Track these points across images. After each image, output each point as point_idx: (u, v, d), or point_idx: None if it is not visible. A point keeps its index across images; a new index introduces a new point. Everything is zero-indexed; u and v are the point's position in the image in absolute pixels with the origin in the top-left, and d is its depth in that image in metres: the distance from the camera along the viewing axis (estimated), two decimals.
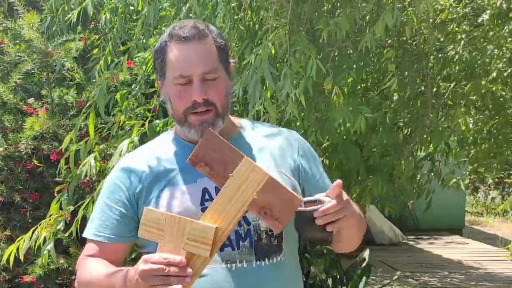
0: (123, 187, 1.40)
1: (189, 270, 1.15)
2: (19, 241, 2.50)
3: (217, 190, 1.31)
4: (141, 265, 1.17)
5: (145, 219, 1.20)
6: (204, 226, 1.16)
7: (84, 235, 1.45)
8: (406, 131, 3.45)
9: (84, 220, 2.58)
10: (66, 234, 2.76)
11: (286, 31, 2.19)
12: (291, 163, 1.43)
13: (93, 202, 2.49)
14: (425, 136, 3.11)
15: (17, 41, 3.64)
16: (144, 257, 1.18)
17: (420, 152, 3.55)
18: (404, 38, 2.99)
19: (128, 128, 2.65)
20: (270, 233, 1.35)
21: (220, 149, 1.22)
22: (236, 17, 2.39)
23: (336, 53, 2.57)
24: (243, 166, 1.16)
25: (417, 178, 3.56)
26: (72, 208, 2.75)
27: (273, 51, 2.26)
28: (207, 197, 1.33)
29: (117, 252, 1.42)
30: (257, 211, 1.20)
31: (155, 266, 1.15)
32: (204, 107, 1.34)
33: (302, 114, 2.69)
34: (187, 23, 1.37)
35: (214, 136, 1.23)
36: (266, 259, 1.34)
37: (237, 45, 2.56)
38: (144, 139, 2.44)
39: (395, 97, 3.20)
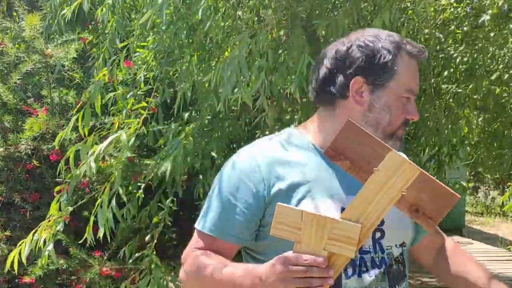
0: (251, 187, 1.28)
1: (331, 271, 1.09)
2: (20, 245, 2.50)
3: None
4: (279, 267, 1.10)
5: (279, 216, 1.09)
6: (348, 225, 1.07)
7: (198, 227, 1.34)
8: (410, 132, 3.43)
9: (95, 224, 2.58)
10: (81, 241, 2.75)
11: (274, 29, 2.17)
12: None
13: (101, 206, 2.47)
14: (427, 137, 3.10)
15: (17, 41, 3.64)
16: (281, 258, 1.10)
17: (424, 154, 3.53)
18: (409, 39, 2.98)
19: (127, 126, 2.64)
20: (397, 259, 1.33)
21: (362, 141, 1.09)
22: (236, 13, 2.39)
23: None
24: (390, 160, 1.05)
25: None
26: (71, 209, 2.74)
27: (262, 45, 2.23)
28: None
29: (232, 250, 1.34)
30: (406, 208, 1.09)
31: (296, 268, 1.08)
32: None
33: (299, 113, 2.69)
34: (411, 41, 1.34)
35: (355, 127, 1.10)
36: (396, 286, 1.32)
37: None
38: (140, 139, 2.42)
39: None
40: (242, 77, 2.11)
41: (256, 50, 2.16)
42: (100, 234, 2.51)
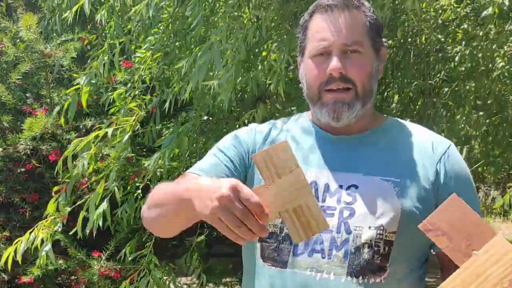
0: (242, 142, 1.27)
1: (265, 231, 0.93)
2: (16, 243, 2.49)
3: (327, 187, 1.19)
4: (225, 190, 0.91)
5: (275, 152, 0.95)
6: (321, 213, 0.95)
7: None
8: None
9: (85, 220, 2.58)
10: (71, 233, 2.74)
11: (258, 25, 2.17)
12: (429, 176, 1.20)
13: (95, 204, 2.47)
14: None
15: (16, 41, 3.63)
16: (235, 183, 0.92)
17: None
18: (409, 40, 2.97)
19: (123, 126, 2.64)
20: (375, 248, 1.13)
21: (463, 218, 0.97)
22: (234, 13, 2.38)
23: None
24: (494, 246, 0.92)
25: None
26: (69, 209, 2.74)
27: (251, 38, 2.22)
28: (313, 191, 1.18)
29: None
30: None
31: (240, 206, 0.91)
32: (341, 83, 1.16)
33: (293, 108, 2.69)
34: None
35: (460, 201, 0.99)
36: (360, 277, 1.12)
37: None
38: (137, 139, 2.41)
39: (395, 98, 3.19)
40: (214, 67, 2.11)
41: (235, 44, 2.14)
42: (88, 228, 2.51)
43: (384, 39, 1.28)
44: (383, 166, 1.20)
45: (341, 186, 1.19)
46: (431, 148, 1.23)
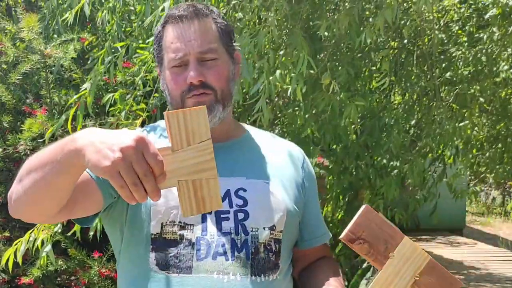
0: None
1: (157, 195, 0.87)
2: (16, 244, 2.48)
3: (237, 192, 1.22)
4: (131, 142, 0.84)
5: (191, 115, 0.89)
6: (218, 197, 0.93)
7: None
8: (413, 133, 3.41)
9: None
10: (69, 234, 2.72)
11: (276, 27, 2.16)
12: (298, 179, 1.34)
13: None
14: (432, 138, 3.08)
15: (16, 41, 3.62)
16: (141, 136, 0.86)
17: (428, 156, 3.50)
18: (412, 41, 2.97)
19: (124, 128, 2.63)
20: (268, 247, 1.22)
21: (379, 226, 1.12)
22: (236, 14, 2.38)
23: (334, 49, 2.56)
24: (404, 246, 1.10)
25: (426, 181, 3.50)
26: None
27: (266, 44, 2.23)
28: None
29: (89, 185, 1.13)
30: None
31: (144, 162, 0.83)
32: (201, 89, 1.20)
33: (297, 109, 2.67)
34: (183, 4, 1.25)
35: (372, 211, 1.13)
36: (262, 275, 1.19)
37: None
38: None
39: (397, 99, 3.18)
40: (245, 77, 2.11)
41: (255, 50, 2.15)
42: (91, 232, 2.50)
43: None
44: (261, 170, 1.28)
45: (229, 190, 1.23)
46: (292, 154, 1.37)
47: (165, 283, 1.17)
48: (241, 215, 1.21)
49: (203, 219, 1.19)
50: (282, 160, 1.34)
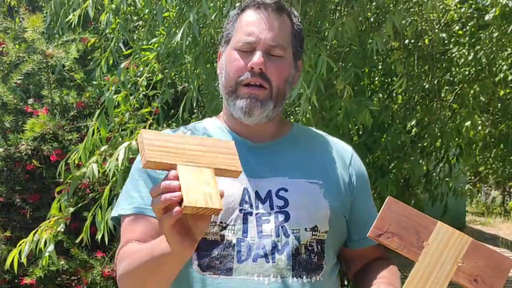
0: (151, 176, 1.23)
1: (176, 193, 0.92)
2: (20, 245, 2.49)
3: (257, 194, 1.20)
4: (160, 205, 0.94)
5: (159, 139, 0.98)
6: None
7: (121, 213, 1.26)
8: (414, 133, 3.41)
9: (93, 225, 2.57)
10: (77, 240, 2.72)
11: None
12: (344, 177, 1.30)
13: (100, 207, 2.45)
14: (434, 138, 3.08)
15: (18, 41, 3.62)
16: (161, 203, 0.94)
17: (431, 156, 3.50)
18: (412, 41, 2.97)
19: (130, 130, 2.63)
20: (310, 248, 1.20)
21: (406, 216, 1.05)
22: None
23: (343, 54, 2.56)
24: (439, 232, 1.03)
25: (434, 182, 3.48)
26: (72, 210, 2.73)
27: None
28: (246, 198, 1.20)
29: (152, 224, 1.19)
30: (466, 280, 1.03)
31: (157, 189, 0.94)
32: (259, 79, 1.19)
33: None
34: None
35: (397, 202, 1.07)
36: (304, 276, 1.18)
37: None
38: None
39: (400, 100, 3.18)
40: None
41: None
42: (98, 236, 2.49)
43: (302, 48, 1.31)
44: (305, 169, 1.26)
45: (270, 191, 1.22)
46: (340, 151, 1.34)
47: (206, 284, 1.17)
48: (281, 217, 1.19)
49: (244, 221, 1.19)
50: (327, 158, 1.31)
